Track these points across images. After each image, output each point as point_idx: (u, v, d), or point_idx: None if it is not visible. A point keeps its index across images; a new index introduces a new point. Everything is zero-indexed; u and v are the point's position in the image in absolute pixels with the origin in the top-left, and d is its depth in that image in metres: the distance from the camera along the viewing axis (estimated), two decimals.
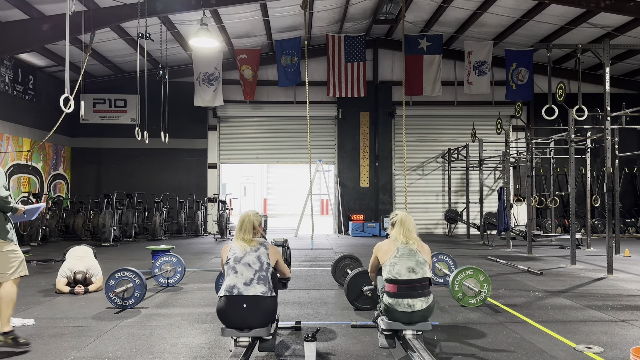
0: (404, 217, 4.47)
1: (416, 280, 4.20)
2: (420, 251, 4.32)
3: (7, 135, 13.38)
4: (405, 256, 4.26)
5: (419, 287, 4.21)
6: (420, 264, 4.26)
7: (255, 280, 3.92)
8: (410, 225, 4.42)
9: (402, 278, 4.19)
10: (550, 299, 6.91)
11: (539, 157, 15.40)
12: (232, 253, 4.05)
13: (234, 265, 3.97)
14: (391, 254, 4.30)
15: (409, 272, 4.21)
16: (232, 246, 4.11)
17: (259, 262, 3.99)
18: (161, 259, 7.59)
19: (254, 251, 4.03)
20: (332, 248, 13.16)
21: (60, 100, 6.72)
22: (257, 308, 3.88)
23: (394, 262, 4.25)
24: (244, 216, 4.23)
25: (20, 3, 10.82)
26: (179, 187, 16.91)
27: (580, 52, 9.67)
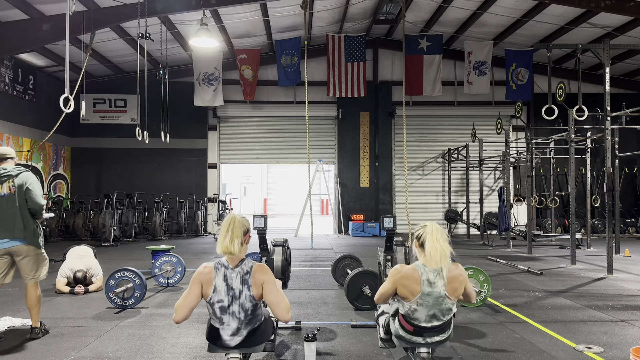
0: (435, 234, 3.41)
1: (437, 326, 3.50)
2: (449, 296, 3.43)
3: (7, 135, 13.38)
4: (430, 304, 3.42)
5: (439, 330, 3.53)
6: (445, 312, 3.47)
7: (242, 328, 3.36)
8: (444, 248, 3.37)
9: (422, 325, 3.50)
10: (550, 299, 6.91)
11: (539, 157, 15.40)
12: (217, 295, 3.30)
13: (221, 316, 3.34)
14: (415, 297, 3.43)
15: (431, 320, 3.48)
16: (217, 284, 3.31)
17: (244, 311, 3.32)
18: (161, 259, 7.60)
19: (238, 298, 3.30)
20: (332, 248, 13.16)
21: (60, 100, 6.72)
22: (250, 339, 3.41)
23: (414, 308, 3.46)
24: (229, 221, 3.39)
25: (20, 3, 10.82)
26: (179, 187, 16.91)
27: (580, 52, 9.66)
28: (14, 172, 4.98)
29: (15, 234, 4.86)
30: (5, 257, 4.95)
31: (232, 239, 3.29)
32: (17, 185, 4.93)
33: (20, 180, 4.95)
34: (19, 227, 4.87)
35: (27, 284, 5.00)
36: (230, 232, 3.31)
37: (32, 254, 4.98)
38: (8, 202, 4.91)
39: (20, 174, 4.99)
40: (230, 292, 3.30)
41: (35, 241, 4.97)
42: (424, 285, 3.40)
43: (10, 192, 4.92)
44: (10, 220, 4.86)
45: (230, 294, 3.30)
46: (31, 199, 4.97)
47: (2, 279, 4.98)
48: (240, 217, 3.44)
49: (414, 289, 3.42)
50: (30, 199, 4.97)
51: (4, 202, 4.92)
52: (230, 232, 3.31)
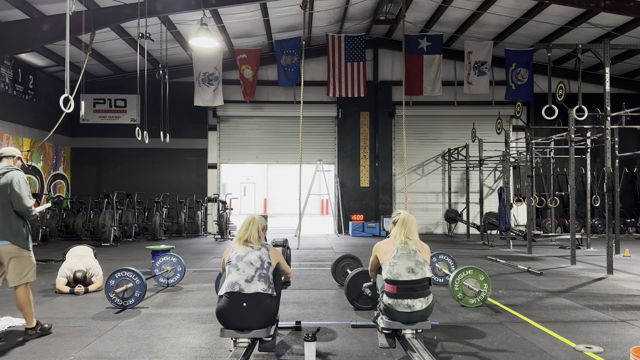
0: (405, 217, 4.44)
1: (416, 280, 4.19)
2: (420, 251, 4.30)
3: (7, 135, 13.38)
4: (405, 256, 4.24)
5: (418, 288, 4.19)
6: (420, 265, 4.24)
7: (256, 278, 3.97)
8: (412, 226, 4.39)
9: (402, 279, 4.18)
10: (550, 299, 6.91)
11: (539, 157, 15.40)
12: (234, 253, 4.13)
13: (236, 263, 4.03)
14: (390, 254, 4.28)
15: (409, 273, 4.19)
16: (234, 247, 4.19)
17: (260, 261, 4.05)
18: (161, 259, 7.59)
19: (256, 251, 4.11)
20: (332, 248, 13.16)
21: (60, 100, 6.72)
22: (257, 307, 3.89)
23: (393, 263, 4.24)
24: (249, 219, 4.29)
25: (20, 3, 10.82)
26: (179, 187, 16.91)
27: (580, 52, 9.66)
28: (1, 171, 4.86)
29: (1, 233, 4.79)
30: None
31: (251, 234, 4.19)
32: (1, 185, 4.81)
33: (5, 180, 4.83)
34: (1, 227, 4.77)
35: (15, 288, 4.90)
36: (249, 229, 4.21)
37: (18, 255, 4.85)
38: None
39: (6, 172, 4.86)
40: (248, 248, 4.12)
41: (21, 242, 4.86)
42: (396, 243, 4.32)
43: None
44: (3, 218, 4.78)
45: (248, 249, 4.12)
46: (15, 200, 4.83)
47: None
48: (259, 219, 4.32)
49: (389, 248, 4.34)
50: (14, 199, 4.83)
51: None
52: (247, 234, 4.19)
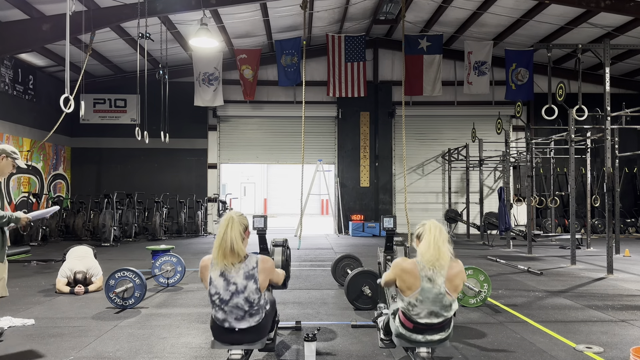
0: (434, 232, 3.50)
1: (437, 323, 3.52)
2: (448, 292, 3.44)
3: (7, 135, 13.38)
4: (430, 301, 3.44)
5: (439, 328, 3.55)
6: (445, 308, 3.48)
7: (247, 316, 3.47)
8: (443, 245, 3.46)
9: (422, 321, 3.51)
10: (550, 299, 6.91)
11: (539, 157, 15.40)
12: (215, 290, 3.40)
13: (221, 306, 3.42)
14: (412, 293, 3.46)
15: (431, 316, 3.49)
16: (213, 280, 3.40)
17: (249, 303, 3.42)
18: (161, 259, 7.60)
19: (241, 292, 3.39)
20: (332, 248, 13.16)
21: (60, 100, 6.73)
22: (252, 334, 3.54)
23: (414, 304, 3.47)
24: (227, 220, 3.41)
25: (20, 3, 10.82)
26: (179, 187, 16.91)
27: (580, 52, 9.67)
28: None
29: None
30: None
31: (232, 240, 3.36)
32: None
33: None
34: None
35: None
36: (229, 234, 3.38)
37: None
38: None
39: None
40: (231, 287, 3.38)
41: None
42: (423, 281, 3.41)
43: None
44: None
45: (231, 289, 3.38)
46: None
47: None
48: (238, 218, 3.45)
49: (413, 284, 3.43)
50: None
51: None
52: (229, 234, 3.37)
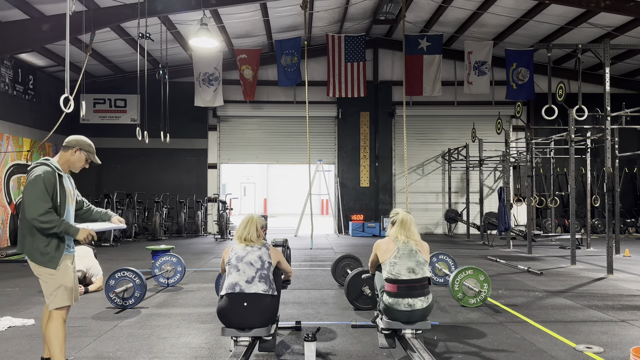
0: (404, 217, 4.43)
1: (416, 280, 4.22)
2: (420, 251, 4.31)
3: (7, 135, 13.38)
4: (406, 256, 4.25)
5: (419, 287, 4.22)
6: (420, 264, 4.26)
7: (257, 278, 3.96)
8: (411, 225, 4.39)
9: (402, 278, 4.20)
10: (550, 299, 6.91)
11: (539, 157, 15.40)
12: (234, 253, 4.10)
13: (236, 264, 4.01)
14: (391, 253, 4.29)
15: (409, 273, 4.21)
16: (234, 247, 4.17)
17: (261, 261, 4.03)
18: (161, 259, 7.60)
19: (256, 250, 4.09)
20: (332, 248, 13.16)
21: (60, 100, 6.72)
22: (258, 307, 3.90)
23: (394, 262, 4.25)
24: (248, 217, 4.26)
25: (20, 3, 10.81)
26: (179, 187, 16.91)
27: (580, 52, 9.66)
28: (31, 165, 3.94)
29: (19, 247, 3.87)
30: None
31: (250, 231, 4.15)
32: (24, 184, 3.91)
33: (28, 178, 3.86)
34: (20, 239, 3.83)
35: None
36: (248, 227, 4.17)
37: (37, 273, 3.80)
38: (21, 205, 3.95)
39: (32, 168, 3.88)
40: (247, 248, 4.10)
41: (36, 258, 3.74)
42: (398, 242, 4.32)
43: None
44: (20, 227, 3.91)
45: (248, 249, 4.08)
46: (23, 204, 3.81)
47: None
48: (257, 217, 4.28)
49: (390, 247, 4.34)
50: (23, 204, 3.80)
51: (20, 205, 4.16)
52: (246, 233, 4.16)
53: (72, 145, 3.99)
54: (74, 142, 4.01)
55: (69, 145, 3.99)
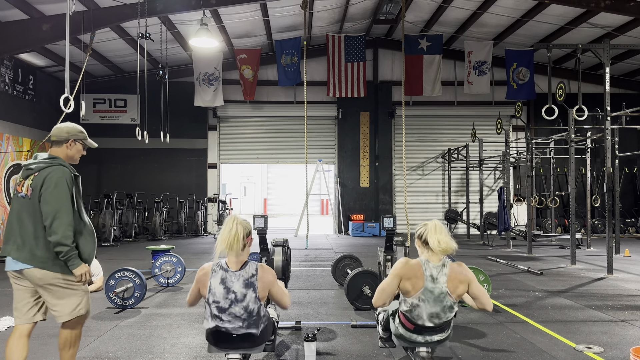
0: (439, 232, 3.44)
1: (438, 325, 3.46)
2: (450, 293, 3.38)
3: (7, 135, 13.38)
4: (431, 301, 3.38)
5: (439, 329, 3.50)
6: (446, 310, 3.41)
7: (244, 327, 3.33)
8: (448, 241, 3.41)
9: (422, 324, 3.45)
10: (550, 299, 6.91)
11: (539, 157, 15.40)
12: (213, 297, 3.28)
13: (219, 315, 3.30)
14: (418, 291, 3.39)
15: (432, 318, 3.42)
16: (212, 287, 3.28)
17: (247, 313, 3.30)
18: (161, 259, 7.60)
19: (240, 301, 3.27)
20: (332, 248, 13.16)
21: (60, 100, 6.73)
22: (250, 341, 3.41)
23: (415, 304, 3.41)
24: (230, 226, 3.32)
25: (20, 3, 10.81)
26: (179, 187, 16.90)
27: (580, 52, 9.67)
28: (37, 165, 3.47)
29: (23, 254, 3.37)
30: (24, 284, 3.46)
31: (234, 243, 3.27)
32: (34, 187, 3.41)
33: (40, 179, 3.40)
34: (29, 245, 3.38)
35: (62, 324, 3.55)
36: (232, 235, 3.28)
37: (51, 282, 3.40)
38: (24, 207, 3.44)
39: (44, 168, 3.45)
40: (230, 295, 3.27)
41: (53, 265, 3.38)
42: (427, 280, 3.38)
43: (27, 194, 3.44)
44: (24, 233, 3.40)
45: (230, 297, 3.27)
46: (44, 214, 3.34)
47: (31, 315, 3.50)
48: (241, 225, 3.35)
49: (417, 283, 3.39)
50: (43, 212, 3.35)
51: (20, 207, 3.46)
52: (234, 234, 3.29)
53: (64, 139, 3.59)
54: (65, 135, 3.59)
55: (60, 139, 3.58)
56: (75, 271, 3.41)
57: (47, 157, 3.52)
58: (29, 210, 3.41)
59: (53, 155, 3.57)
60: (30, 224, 3.40)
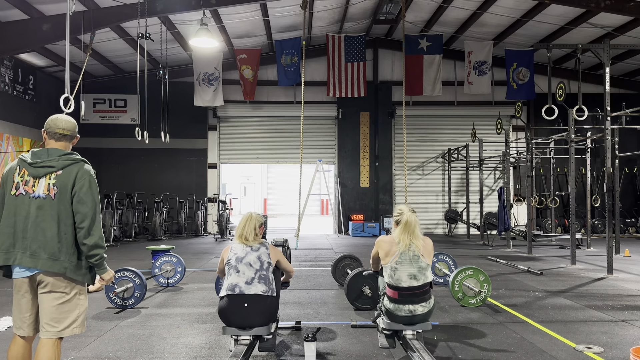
0: (409, 219, 4.21)
1: (418, 287, 4.10)
2: (423, 255, 4.15)
3: (7, 135, 13.38)
4: (407, 262, 4.11)
5: (420, 294, 4.11)
6: (422, 270, 4.12)
7: (256, 279, 3.94)
8: (416, 228, 4.20)
9: (403, 285, 4.09)
10: (550, 299, 6.91)
11: (539, 157, 15.40)
12: (233, 253, 4.06)
13: (236, 265, 3.99)
14: (393, 257, 4.15)
15: (411, 279, 4.09)
16: (233, 247, 4.12)
17: (260, 262, 4.00)
18: (161, 259, 7.59)
19: (255, 251, 4.05)
20: (332, 248, 13.16)
21: (60, 100, 6.73)
22: (258, 307, 3.90)
23: (395, 268, 4.12)
24: (247, 216, 4.21)
25: (20, 3, 10.81)
26: (179, 187, 16.91)
27: (580, 52, 9.66)
28: (59, 162, 3.16)
29: (39, 262, 3.07)
30: (28, 293, 3.19)
31: (248, 230, 4.11)
32: (60, 187, 3.12)
33: (68, 178, 3.14)
34: (51, 250, 3.08)
35: (42, 339, 3.15)
36: (246, 226, 4.13)
37: (62, 289, 3.15)
38: (41, 211, 3.10)
39: (69, 166, 3.18)
40: (247, 248, 4.06)
41: (74, 273, 3.15)
42: (400, 245, 4.14)
43: (49, 194, 3.12)
44: (42, 237, 3.08)
45: (247, 249, 4.05)
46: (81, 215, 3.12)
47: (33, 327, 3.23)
48: (256, 216, 4.23)
49: (392, 249, 4.18)
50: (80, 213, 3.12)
51: (36, 209, 3.10)
52: (245, 232, 4.11)
53: (74, 134, 3.40)
54: (74, 129, 3.40)
55: (73, 134, 3.38)
56: (104, 276, 3.30)
57: (66, 154, 3.23)
58: (51, 211, 3.09)
59: (67, 151, 3.29)
60: (53, 226, 3.09)
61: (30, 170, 3.15)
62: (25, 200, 3.13)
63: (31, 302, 3.19)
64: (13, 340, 3.26)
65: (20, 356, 3.20)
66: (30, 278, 3.14)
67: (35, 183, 3.12)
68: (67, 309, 3.17)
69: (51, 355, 3.11)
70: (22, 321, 3.20)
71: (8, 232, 3.13)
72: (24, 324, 3.20)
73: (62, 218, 3.11)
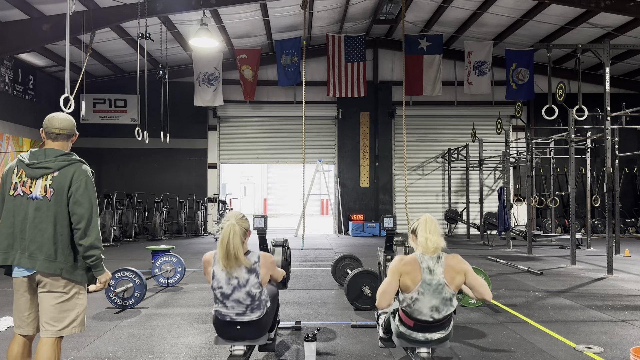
0: (427, 217, 3.56)
1: (439, 319, 3.46)
2: (448, 284, 3.42)
3: (7, 135, 13.38)
4: (430, 293, 3.39)
5: (439, 325, 3.50)
6: (446, 302, 3.42)
7: (248, 311, 3.55)
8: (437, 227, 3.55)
9: (423, 318, 3.45)
10: (550, 299, 6.91)
11: (539, 157, 15.40)
12: (217, 284, 3.50)
13: (223, 301, 3.52)
14: (416, 285, 3.40)
15: (432, 311, 3.42)
16: (216, 274, 3.50)
17: (250, 297, 3.51)
18: (161, 259, 7.59)
19: (243, 286, 3.48)
20: (332, 248, 13.16)
21: (60, 100, 6.73)
22: (252, 329, 3.65)
23: (415, 298, 3.41)
24: (228, 229, 3.41)
25: (20, 3, 10.81)
26: (179, 187, 16.91)
27: (580, 52, 9.66)
28: (55, 163, 3.17)
29: (37, 263, 3.10)
30: (27, 292, 3.22)
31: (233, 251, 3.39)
32: (56, 188, 3.14)
33: (64, 179, 3.15)
34: (48, 252, 3.11)
35: (42, 338, 3.17)
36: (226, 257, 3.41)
37: (61, 289, 3.18)
38: (39, 212, 3.13)
39: (65, 167, 3.18)
40: (233, 282, 3.47)
41: (71, 274, 3.19)
42: (424, 273, 3.40)
43: (45, 195, 3.14)
44: (40, 238, 3.11)
45: (233, 283, 3.47)
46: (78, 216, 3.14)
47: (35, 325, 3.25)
48: (238, 222, 3.46)
49: (415, 276, 3.40)
50: (76, 214, 3.14)
51: (34, 211, 3.13)
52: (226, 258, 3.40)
53: (72, 132, 3.37)
54: (73, 128, 3.38)
55: (70, 133, 3.36)
56: (101, 277, 3.31)
57: (63, 154, 3.21)
58: (47, 212, 3.10)
59: (65, 151, 3.27)
60: (49, 227, 3.10)
61: (28, 171, 3.17)
62: (23, 201, 3.16)
63: (30, 301, 3.21)
64: (13, 339, 3.29)
65: (20, 355, 3.23)
66: (29, 277, 3.17)
67: (33, 184, 3.14)
68: (67, 309, 3.19)
69: (51, 355, 3.14)
70: (22, 320, 3.23)
71: (7, 232, 3.17)
72: (23, 323, 3.23)
73: (59, 219, 3.14)
